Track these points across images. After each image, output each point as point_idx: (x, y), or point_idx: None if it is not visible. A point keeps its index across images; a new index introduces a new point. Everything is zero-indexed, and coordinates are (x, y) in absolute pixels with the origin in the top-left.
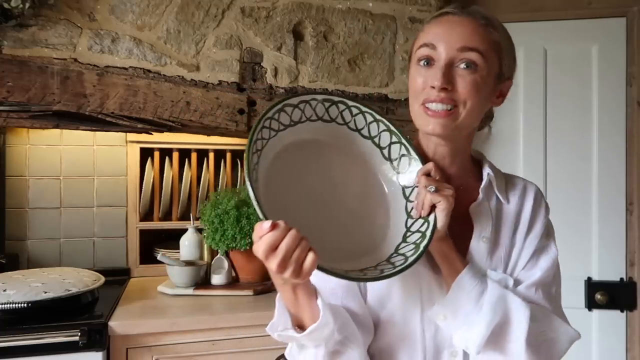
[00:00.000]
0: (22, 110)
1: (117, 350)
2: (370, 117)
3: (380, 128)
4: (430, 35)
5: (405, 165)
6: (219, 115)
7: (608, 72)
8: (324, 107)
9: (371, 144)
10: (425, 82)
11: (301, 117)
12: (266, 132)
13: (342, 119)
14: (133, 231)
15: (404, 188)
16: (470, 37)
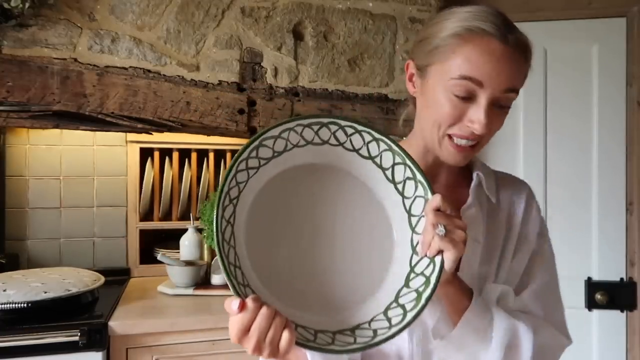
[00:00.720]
0: (22, 110)
1: (117, 350)
2: (368, 136)
3: (381, 147)
4: (475, 68)
5: (411, 189)
6: (219, 115)
7: (608, 72)
8: (313, 130)
9: (372, 164)
10: (460, 116)
11: (286, 145)
12: (242, 174)
13: (335, 139)
14: (133, 231)
15: (410, 216)
16: (516, 78)
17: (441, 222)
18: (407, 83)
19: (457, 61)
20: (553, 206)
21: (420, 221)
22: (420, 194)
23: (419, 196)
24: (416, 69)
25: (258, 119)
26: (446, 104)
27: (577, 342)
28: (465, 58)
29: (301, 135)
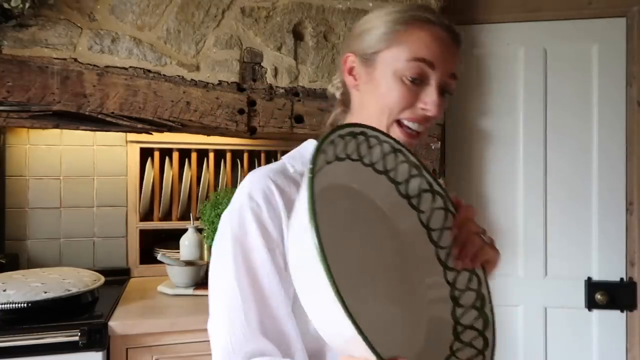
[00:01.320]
0: (22, 110)
1: (117, 350)
2: (387, 147)
3: (398, 159)
4: (430, 51)
5: (427, 202)
6: (219, 115)
7: (608, 72)
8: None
9: (385, 180)
10: (412, 100)
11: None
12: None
13: (357, 154)
14: (133, 231)
15: (429, 230)
16: (456, 64)
17: (479, 230)
18: (346, 77)
19: (408, 45)
20: (553, 206)
21: (443, 234)
22: (439, 205)
23: (437, 208)
24: (359, 60)
25: (258, 119)
26: (398, 88)
27: (577, 342)
28: (418, 41)
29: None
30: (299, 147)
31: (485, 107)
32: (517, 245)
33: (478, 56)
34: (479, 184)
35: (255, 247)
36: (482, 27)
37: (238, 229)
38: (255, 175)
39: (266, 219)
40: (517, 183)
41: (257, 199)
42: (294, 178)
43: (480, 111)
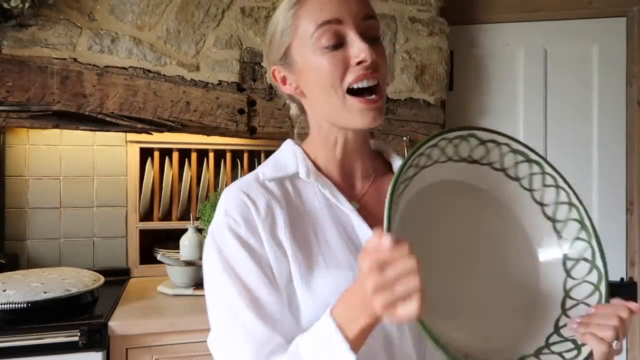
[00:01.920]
0: (22, 110)
1: (117, 350)
2: (521, 157)
3: (546, 181)
4: (327, 10)
5: (572, 232)
6: (219, 115)
7: (608, 72)
8: (469, 145)
9: (530, 197)
10: (344, 63)
11: (439, 157)
12: (413, 170)
13: (487, 161)
14: (133, 231)
15: (565, 259)
16: (365, 3)
17: (627, 322)
18: (282, 89)
19: (306, 19)
20: None
21: (576, 265)
22: (574, 217)
23: (571, 219)
24: (283, 67)
25: (258, 119)
26: (324, 61)
27: None
28: (312, 11)
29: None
30: (276, 152)
31: (485, 107)
32: None
33: (478, 56)
34: None
35: (239, 260)
36: (482, 27)
37: (221, 245)
38: (230, 191)
39: (244, 233)
40: None
41: (234, 216)
42: (264, 184)
43: (480, 111)
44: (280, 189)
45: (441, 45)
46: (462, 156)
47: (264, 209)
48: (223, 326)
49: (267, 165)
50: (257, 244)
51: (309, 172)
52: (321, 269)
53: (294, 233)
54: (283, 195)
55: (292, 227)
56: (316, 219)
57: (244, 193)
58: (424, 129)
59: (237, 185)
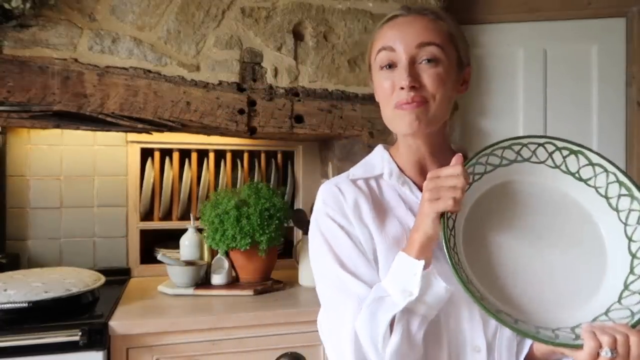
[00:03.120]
0: (23, 110)
1: (118, 350)
2: (584, 160)
3: (609, 179)
4: (386, 39)
5: (625, 204)
6: (219, 115)
7: (608, 72)
8: (530, 150)
9: (595, 193)
10: (392, 85)
11: (516, 158)
12: (480, 167)
13: (552, 161)
14: (133, 231)
15: (630, 241)
16: (425, 32)
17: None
18: (375, 93)
19: (376, 43)
20: None
21: (636, 231)
22: (635, 207)
23: (634, 210)
24: (369, 72)
25: (258, 119)
26: (380, 80)
27: None
28: (380, 37)
29: (519, 153)
30: (368, 155)
31: (485, 107)
32: None
33: (478, 56)
34: None
35: (338, 239)
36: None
37: (323, 228)
38: (326, 185)
39: (339, 218)
40: None
41: (330, 204)
42: (353, 182)
43: (480, 111)
44: (366, 187)
45: None
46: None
47: (351, 201)
48: (332, 291)
49: (358, 166)
50: (349, 226)
51: (391, 173)
52: (402, 245)
53: (378, 218)
54: (369, 191)
55: (377, 213)
56: (398, 209)
57: (336, 187)
58: None
59: (332, 181)
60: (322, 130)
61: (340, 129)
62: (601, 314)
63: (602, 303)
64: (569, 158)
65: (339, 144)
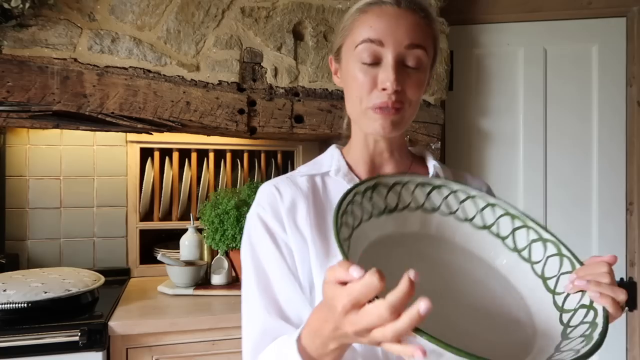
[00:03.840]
0: (22, 110)
1: (117, 350)
2: (482, 202)
3: (497, 213)
4: (374, 30)
5: (539, 252)
6: (219, 115)
7: (608, 72)
8: (424, 193)
9: (488, 234)
10: (372, 82)
11: (397, 204)
12: (357, 209)
13: (447, 207)
14: (133, 231)
15: (545, 279)
16: (415, 32)
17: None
18: (334, 78)
19: (359, 30)
20: (553, 206)
21: (560, 280)
22: (551, 253)
23: (550, 256)
24: (334, 59)
25: (258, 119)
26: (358, 73)
27: None
28: (365, 25)
29: (413, 196)
30: (321, 154)
31: (485, 107)
32: None
33: (478, 56)
34: None
35: (263, 243)
36: (482, 27)
37: (252, 231)
38: (264, 185)
39: (269, 218)
40: (517, 183)
41: (262, 204)
42: (295, 181)
43: (480, 111)
44: (310, 184)
45: (441, 45)
46: (419, 204)
47: (288, 202)
48: (243, 311)
49: (307, 164)
50: (280, 229)
51: (338, 170)
52: (337, 256)
53: (316, 222)
54: (310, 189)
55: (314, 217)
56: None
57: (274, 187)
58: (424, 129)
59: (272, 180)
60: (322, 130)
61: (340, 129)
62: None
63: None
64: (466, 203)
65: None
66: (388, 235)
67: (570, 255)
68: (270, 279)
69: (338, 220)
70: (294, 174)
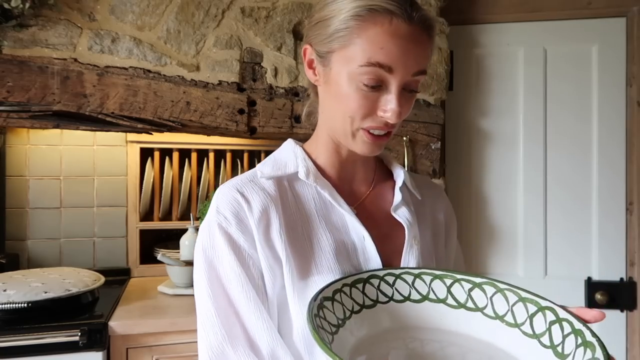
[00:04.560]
0: (22, 110)
1: (117, 350)
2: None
3: (489, 293)
4: (385, 54)
5: (541, 325)
6: (219, 115)
7: (608, 72)
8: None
9: (481, 315)
10: (372, 108)
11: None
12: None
13: (434, 295)
14: (133, 231)
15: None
16: (423, 58)
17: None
18: (307, 70)
19: (362, 46)
20: (553, 206)
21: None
22: (551, 317)
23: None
24: (316, 54)
25: (258, 119)
26: (355, 95)
27: None
28: (371, 42)
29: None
30: (276, 151)
31: (485, 107)
32: (517, 245)
33: (478, 56)
34: (479, 183)
35: (225, 261)
36: (482, 27)
37: (209, 246)
38: (224, 189)
39: (235, 232)
40: (517, 183)
41: (225, 213)
42: (261, 184)
43: (480, 111)
44: (277, 189)
45: (441, 45)
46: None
47: (258, 210)
48: (200, 341)
49: (266, 163)
50: (247, 244)
51: (308, 173)
52: (313, 275)
53: (288, 236)
54: (279, 195)
55: (287, 229)
56: (311, 221)
57: (237, 191)
58: (424, 129)
59: (232, 182)
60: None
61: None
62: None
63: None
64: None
65: None
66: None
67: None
68: (235, 305)
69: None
70: (255, 176)
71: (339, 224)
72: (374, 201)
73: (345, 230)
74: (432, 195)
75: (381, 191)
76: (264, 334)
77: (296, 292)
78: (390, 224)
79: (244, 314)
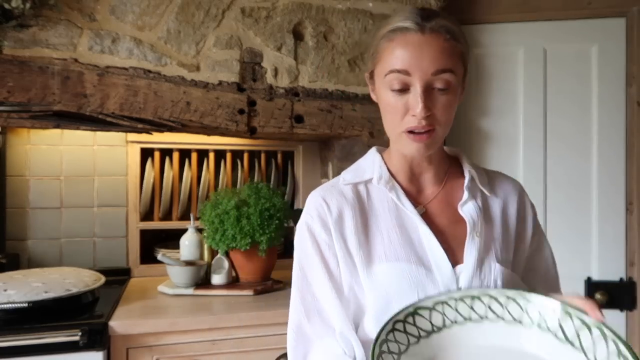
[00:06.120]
0: (23, 110)
1: (118, 350)
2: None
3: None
4: (400, 60)
5: (587, 340)
6: (219, 115)
7: (608, 72)
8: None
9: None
10: (404, 108)
11: (444, 321)
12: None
13: (493, 313)
14: (133, 231)
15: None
16: (441, 57)
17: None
18: (371, 94)
19: (386, 59)
20: (553, 206)
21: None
22: (599, 334)
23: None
24: (368, 76)
25: (258, 119)
26: (390, 100)
27: None
28: (390, 54)
29: (457, 311)
30: (361, 158)
31: (485, 107)
32: None
33: (478, 56)
34: None
35: (309, 252)
36: (482, 27)
37: (298, 239)
38: (313, 194)
39: (317, 228)
40: None
41: (311, 213)
42: (340, 189)
43: (480, 111)
44: (354, 193)
45: None
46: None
47: (335, 211)
48: (291, 327)
49: (349, 170)
50: (327, 237)
51: (380, 178)
52: (381, 260)
53: (361, 230)
54: (355, 198)
55: (359, 225)
56: (382, 218)
57: (321, 197)
58: None
59: (319, 188)
60: (322, 130)
61: (340, 129)
62: None
63: None
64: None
65: (339, 144)
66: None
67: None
68: (313, 288)
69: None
70: (338, 183)
71: (407, 223)
72: (444, 199)
73: (413, 229)
74: (503, 190)
75: (452, 189)
76: (334, 311)
77: (366, 272)
78: (457, 220)
79: (320, 296)
